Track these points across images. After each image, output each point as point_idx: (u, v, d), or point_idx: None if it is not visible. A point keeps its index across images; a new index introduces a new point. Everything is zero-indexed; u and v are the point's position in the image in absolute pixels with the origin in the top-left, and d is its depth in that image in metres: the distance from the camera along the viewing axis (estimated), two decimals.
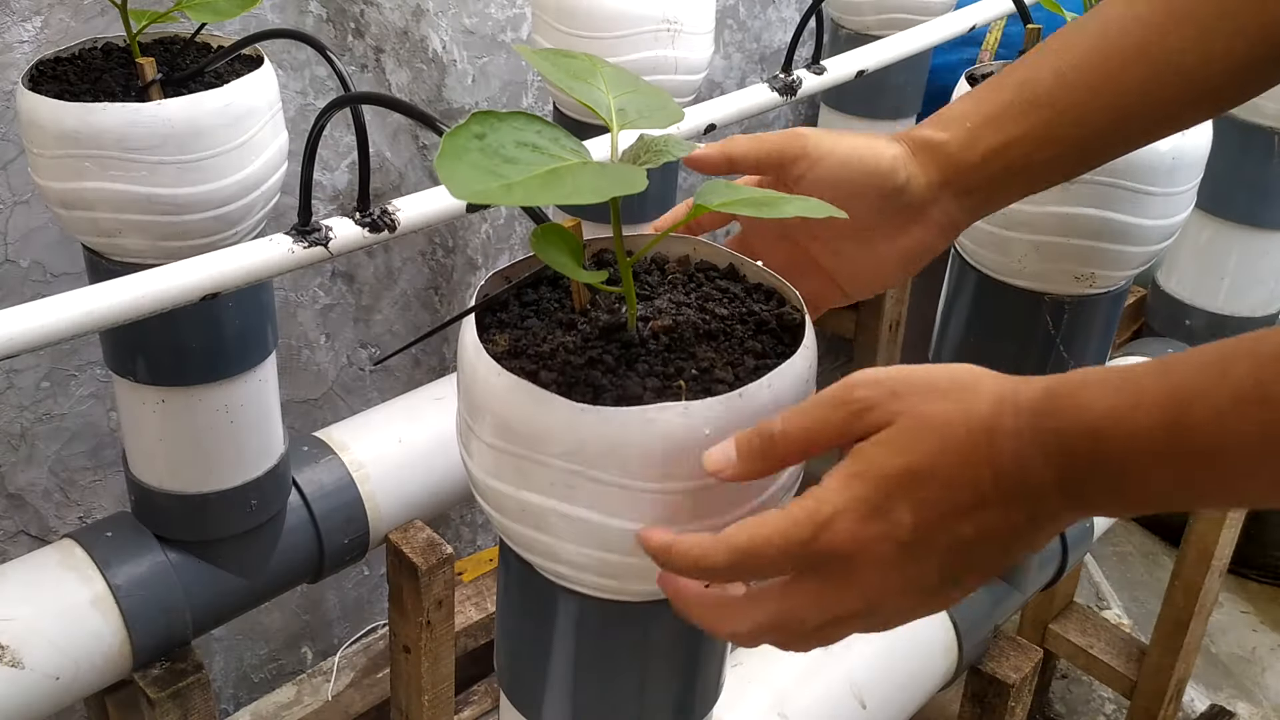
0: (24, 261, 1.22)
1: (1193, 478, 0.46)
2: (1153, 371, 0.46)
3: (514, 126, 0.50)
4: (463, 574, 1.71)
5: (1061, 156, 0.64)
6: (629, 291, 0.55)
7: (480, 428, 0.54)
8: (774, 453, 0.49)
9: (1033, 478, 0.47)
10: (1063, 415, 0.47)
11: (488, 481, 0.55)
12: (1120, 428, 0.46)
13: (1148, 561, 2.24)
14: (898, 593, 0.49)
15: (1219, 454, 0.44)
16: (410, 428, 1.22)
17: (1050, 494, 0.48)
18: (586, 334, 0.55)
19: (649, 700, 0.62)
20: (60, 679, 0.96)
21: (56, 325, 0.69)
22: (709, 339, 0.55)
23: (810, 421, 0.50)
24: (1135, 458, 0.46)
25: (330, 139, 1.44)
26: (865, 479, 0.48)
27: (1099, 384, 0.47)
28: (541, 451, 0.51)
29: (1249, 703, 1.97)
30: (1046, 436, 0.47)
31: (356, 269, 1.55)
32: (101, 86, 0.88)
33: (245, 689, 1.67)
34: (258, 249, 0.78)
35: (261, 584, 1.09)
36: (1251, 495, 0.46)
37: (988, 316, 1.00)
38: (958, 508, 0.48)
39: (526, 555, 0.58)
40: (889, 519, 0.47)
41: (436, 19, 1.49)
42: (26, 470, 1.31)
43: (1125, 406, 0.46)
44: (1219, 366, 0.45)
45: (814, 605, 0.49)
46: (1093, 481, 0.47)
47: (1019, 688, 1.08)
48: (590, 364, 0.53)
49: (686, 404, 0.50)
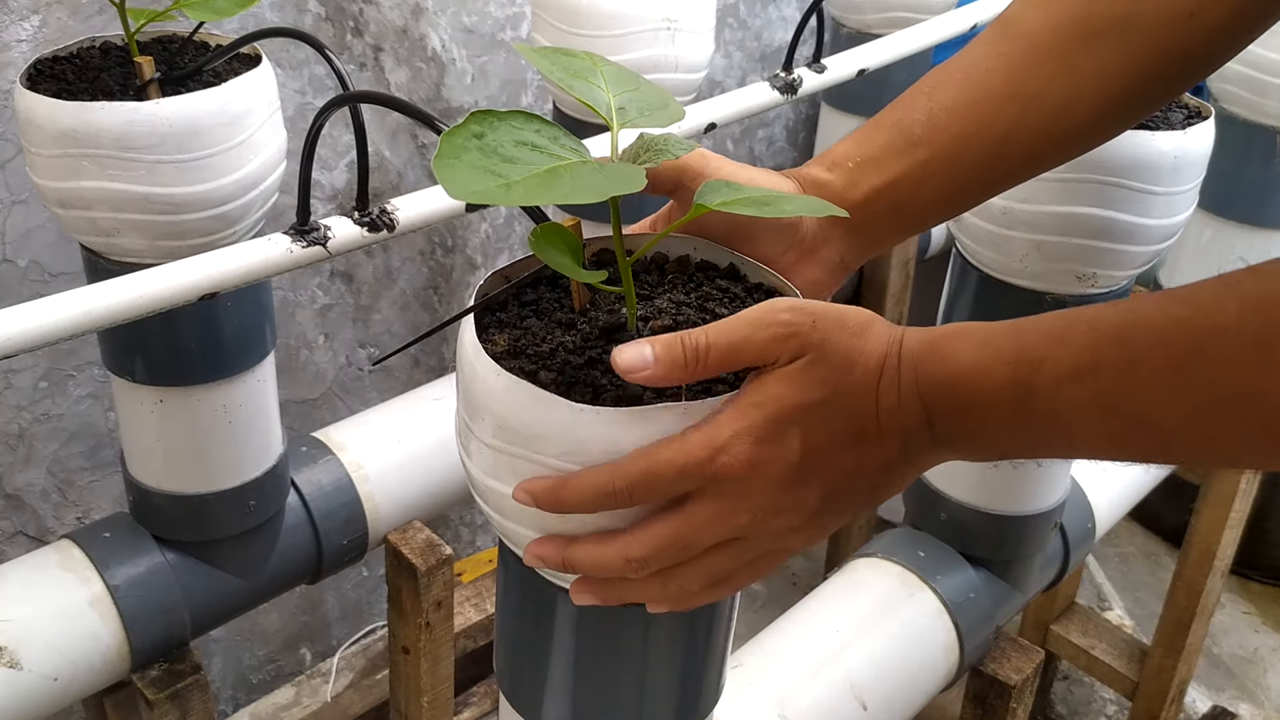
0: (22, 261, 1.22)
1: (1035, 433, 0.52)
2: (1009, 332, 0.53)
3: (513, 125, 0.50)
4: (462, 575, 1.71)
5: (941, 196, 0.66)
6: (629, 291, 0.54)
7: (479, 428, 0.53)
8: (696, 362, 0.50)
9: (909, 418, 0.53)
10: (933, 364, 0.53)
11: (486, 482, 0.55)
12: (976, 383, 0.52)
13: (1149, 562, 2.24)
14: (785, 511, 0.52)
15: (1057, 416, 0.51)
16: (409, 428, 1.21)
17: (920, 433, 0.54)
18: (586, 334, 0.55)
19: (649, 701, 0.62)
20: (58, 680, 0.96)
21: (54, 325, 0.69)
22: None
23: (736, 339, 0.51)
24: (987, 411, 0.52)
25: (329, 138, 1.44)
26: (763, 409, 0.50)
27: (965, 338, 0.53)
28: (541, 451, 0.51)
29: (1251, 704, 1.97)
30: (921, 381, 0.53)
31: (355, 269, 1.54)
32: (99, 85, 0.88)
33: (244, 690, 1.67)
34: (256, 248, 0.77)
35: (260, 585, 1.09)
36: (1087, 451, 0.53)
37: (989, 316, 1.00)
38: (844, 438, 0.52)
39: None
40: (781, 444, 0.51)
41: (436, 17, 1.49)
42: (24, 471, 1.31)
43: (983, 363, 0.52)
44: (1060, 335, 0.51)
45: (706, 524, 0.51)
46: (953, 427, 0.53)
47: (1020, 689, 1.08)
48: (590, 364, 0.53)
49: (686, 404, 0.50)
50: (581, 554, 0.53)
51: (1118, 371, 0.49)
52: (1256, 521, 1.73)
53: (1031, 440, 0.53)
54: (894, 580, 1.06)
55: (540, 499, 0.51)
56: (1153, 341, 0.48)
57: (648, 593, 0.54)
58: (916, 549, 1.09)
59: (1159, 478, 1.36)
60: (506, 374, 0.51)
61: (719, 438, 0.50)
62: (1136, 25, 0.63)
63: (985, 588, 1.09)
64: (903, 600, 1.05)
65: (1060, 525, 1.15)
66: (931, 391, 0.53)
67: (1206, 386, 0.47)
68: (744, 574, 0.55)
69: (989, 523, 1.08)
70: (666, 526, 0.52)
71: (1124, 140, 0.87)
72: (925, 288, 1.74)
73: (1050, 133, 0.65)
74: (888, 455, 0.54)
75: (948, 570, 1.08)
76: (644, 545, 0.52)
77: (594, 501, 0.51)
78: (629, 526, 0.52)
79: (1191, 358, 0.47)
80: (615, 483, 0.50)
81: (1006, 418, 0.52)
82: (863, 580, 1.07)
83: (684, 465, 0.50)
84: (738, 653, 0.99)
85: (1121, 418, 0.50)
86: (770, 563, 0.55)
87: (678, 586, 0.53)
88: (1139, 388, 0.49)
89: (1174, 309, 0.49)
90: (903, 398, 0.53)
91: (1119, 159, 0.89)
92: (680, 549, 0.52)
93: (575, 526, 0.53)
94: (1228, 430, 0.48)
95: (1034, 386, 0.51)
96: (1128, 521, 2.26)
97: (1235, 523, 1.50)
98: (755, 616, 2.04)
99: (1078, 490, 1.21)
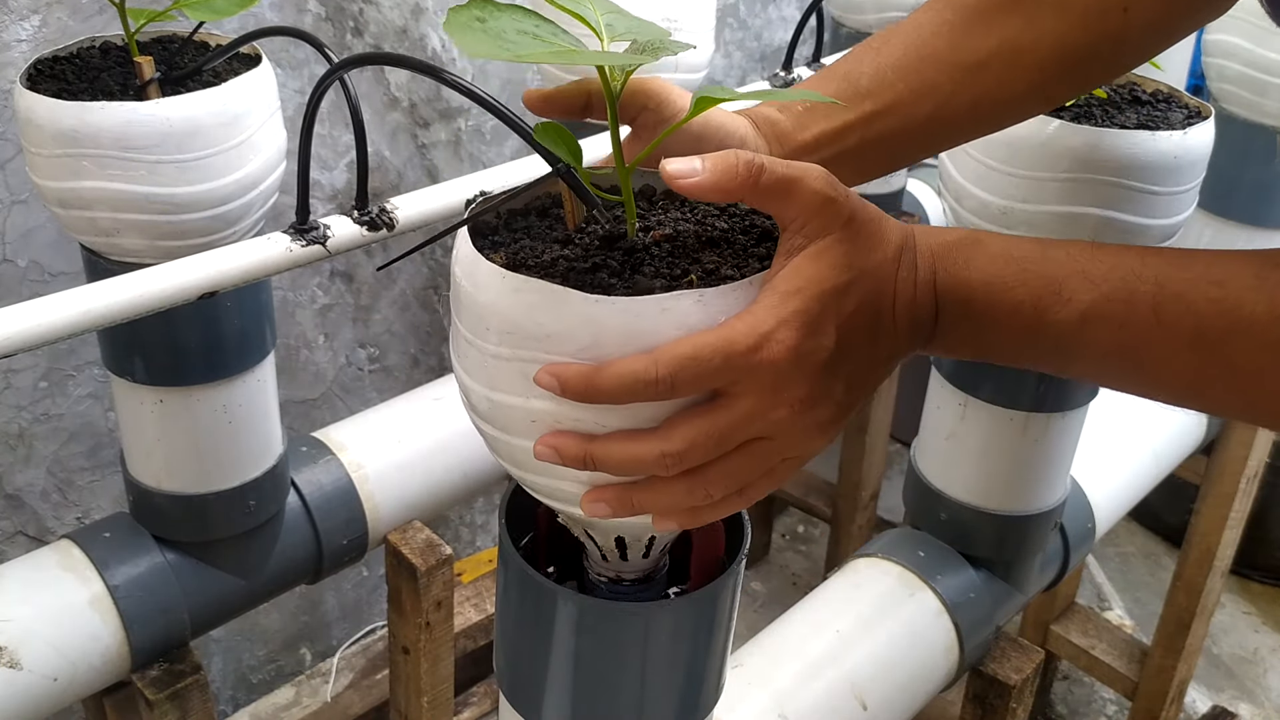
0: (22, 261, 1.22)
1: (1036, 352, 0.55)
2: (1036, 255, 0.54)
3: (513, 17, 0.50)
4: (462, 575, 1.71)
5: (884, 148, 0.68)
6: (628, 197, 0.53)
7: (484, 340, 0.51)
8: (749, 176, 0.49)
9: (920, 312, 0.54)
10: (954, 266, 0.54)
11: (493, 397, 0.52)
12: (996, 296, 0.54)
13: (1149, 562, 2.24)
14: (818, 404, 0.51)
15: (1065, 347, 0.54)
16: (409, 428, 1.21)
17: (926, 328, 0.55)
18: (586, 245, 0.54)
19: (649, 701, 0.62)
20: (58, 680, 0.96)
21: (54, 324, 0.69)
22: (711, 246, 0.54)
23: (793, 173, 0.50)
24: (999, 324, 0.54)
25: (329, 138, 1.44)
26: (803, 294, 0.50)
27: (990, 249, 0.55)
28: (555, 351, 0.49)
29: (1251, 704, 1.96)
30: (939, 279, 0.54)
31: (355, 268, 1.54)
32: (99, 85, 0.88)
33: (244, 690, 1.66)
34: (255, 247, 0.77)
35: (260, 585, 1.09)
36: (1075, 375, 0.56)
37: None
38: (866, 327, 0.52)
39: (533, 483, 0.56)
40: (821, 333, 0.50)
41: (435, 17, 1.49)
42: (24, 471, 1.31)
43: (1007, 279, 0.54)
44: (1091, 273, 0.53)
45: (745, 418, 0.50)
46: (958, 329, 0.55)
47: (1020, 689, 1.08)
48: (594, 269, 0.51)
49: (702, 291, 0.49)
50: (609, 447, 0.50)
51: (1143, 328, 0.52)
52: (1256, 521, 1.73)
53: (1029, 356, 0.56)
54: (894, 580, 1.06)
55: (570, 385, 0.48)
56: (1182, 314, 0.51)
57: (668, 498, 0.52)
58: (916, 549, 1.09)
59: (1159, 477, 1.36)
60: (513, 274, 0.49)
61: (764, 324, 0.49)
62: (1070, 9, 0.66)
63: (985, 588, 1.09)
64: (903, 600, 1.05)
65: (1060, 525, 1.15)
66: (949, 292, 0.54)
67: (1220, 366, 0.51)
68: (763, 483, 0.53)
69: (989, 523, 1.08)
70: (704, 420, 0.50)
71: (1124, 140, 0.87)
72: None
73: (990, 98, 0.68)
74: (896, 346, 0.54)
75: (948, 570, 1.08)
76: (682, 439, 0.49)
77: (630, 390, 0.48)
78: (661, 423, 0.50)
79: (1215, 340, 0.51)
80: (657, 369, 0.48)
81: (1014, 334, 0.54)
82: (863, 580, 1.07)
83: (729, 353, 0.48)
84: (738, 653, 0.99)
85: (1128, 366, 0.53)
86: (788, 470, 0.54)
87: (704, 491, 0.51)
88: (1156, 349, 0.52)
89: (1209, 290, 0.51)
90: (919, 291, 0.54)
91: (1119, 159, 0.88)
92: (716, 444, 0.50)
93: (593, 429, 0.50)
94: (1224, 401, 0.53)
95: (1053, 315, 0.53)
96: (1128, 521, 2.26)
97: (1235, 523, 1.50)
98: (755, 616, 2.04)
99: (1078, 490, 1.21)
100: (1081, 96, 0.93)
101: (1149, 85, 0.98)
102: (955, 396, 1.05)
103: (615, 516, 0.52)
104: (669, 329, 0.48)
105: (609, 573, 0.62)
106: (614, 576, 0.62)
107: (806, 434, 0.52)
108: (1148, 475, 1.34)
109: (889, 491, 1.97)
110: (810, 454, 0.54)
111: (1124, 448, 1.32)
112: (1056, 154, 0.88)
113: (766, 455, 0.52)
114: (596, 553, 0.61)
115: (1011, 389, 1.01)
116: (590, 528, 0.59)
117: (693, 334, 0.48)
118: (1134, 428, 1.35)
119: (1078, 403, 1.03)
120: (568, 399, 0.49)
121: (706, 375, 0.48)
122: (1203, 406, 0.57)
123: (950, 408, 1.06)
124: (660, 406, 0.50)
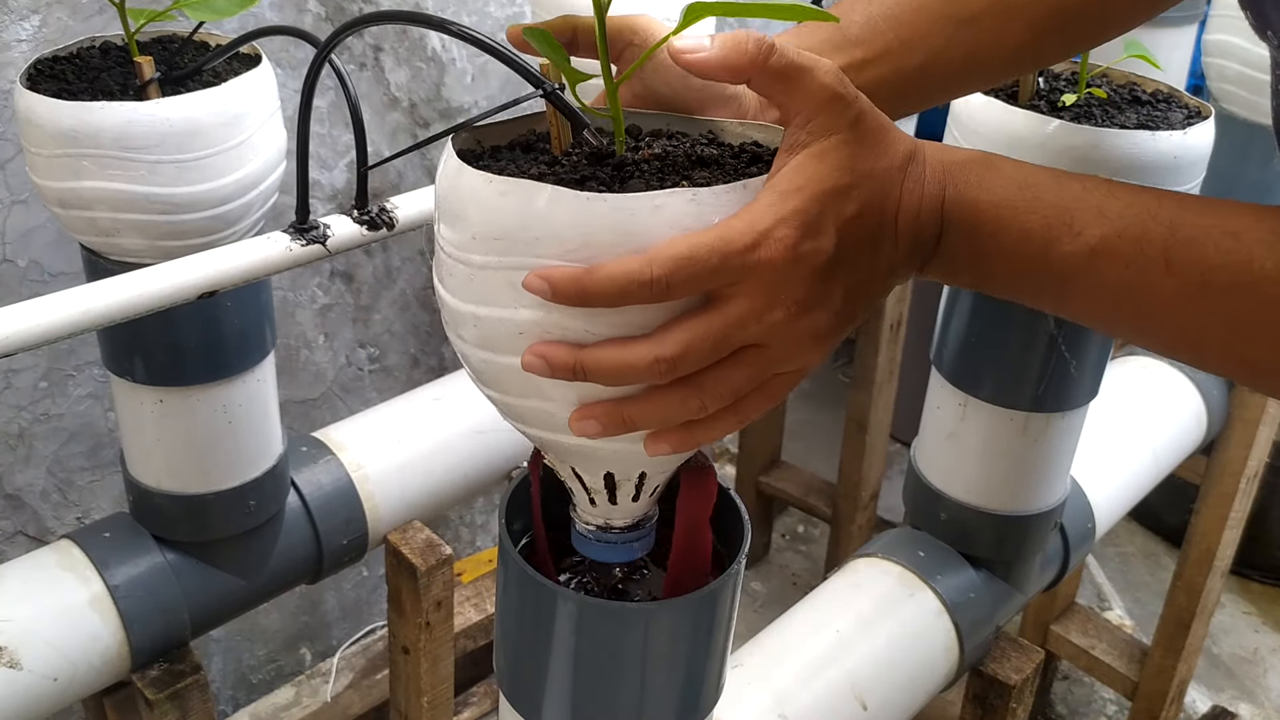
0: (22, 261, 1.22)
1: (1036, 283, 0.53)
2: (1051, 184, 0.53)
3: None
4: (462, 575, 1.71)
5: (875, 97, 0.68)
6: (615, 112, 0.52)
7: (470, 251, 0.50)
8: (759, 55, 0.48)
9: (924, 228, 0.52)
10: (965, 185, 0.53)
11: (479, 313, 0.50)
12: (1006, 220, 0.52)
13: (1149, 562, 2.24)
14: (815, 308, 0.50)
15: (1068, 280, 0.52)
16: (409, 428, 1.21)
17: (928, 245, 0.53)
18: (574, 163, 0.52)
19: (649, 701, 0.62)
20: (58, 680, 0.96)
21: (54, 324, 0.69)
22: (702, 165, 0.53)
23: (804, 61, 0.49)
24: (1004, 250, 0.53)
25: (329, 138, 1.44)
26: (804, 193, 0.48)
27: (1005, 172, 0.53)
28: (543, 254, 0.48)
29: (1251, 704, 1.96)
30: (948, 195, 0.52)
31: (355, 268, 1.54)
32: (99, 85, 0.88)
33: (244, 690, 1.66)
34: (255, 246, 0.77)
35: (260, 585, 1.09)
36: (1069, 314, 0.55)
37: (989, 316, 1.00)
38: (867, 235, 0.51)
39: (521, 411, 0.54)
40: (821, 235, 0.49)
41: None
42: (24, 470, 1.31)
43: (1020, 205, 0.52)
44: (1106, 210, 0.51)
45: (741, 320, 0.48)
46: (961, 250, 0.53)
47: (1020, 689, 1.08)
48: (583, 180, 0.50)
49: (696, 190, 0.48)
50: (600, 354, 0.48)
51: (1151, 270, 0.50)
52: (1256, 521, 1.73)
53: (1028, 287, 0.54)
54: (894, 580, 1.06)
55: (560, 287, 0.46)
56: (1192, 260, 0.50)
57: (661, 410, 0.50)
58: (916, 549, 1.09)
59: (1159, 477, 1.36)
60: (501, 178, 0.48)
61: (762, 223, 0.47)
62: None
63: (985, 588, 1.09)
64: (903, 600, 1.05)
65: (1060, 525, 1.15)
66: (956, 210, 0.53)
67: (1220, 318, 0.50)
68: (758, 399, 0.52)
69: (989, 523, 1.08)
70: (699, 322, 0.48)
71: (1124, 140, 0.87)
72: (925, 288, 1.74)
73: (982, 53, 0.67)
74: (895, 259, 0.52)
75: (948, 570, 1.08)
76: (676, 342, 0.48)
77: (623, 292, 0.46)
78: (654, 330, 0.48)
79: (1220, 291, 0.50)
80: (652, 270, 0.46)
81: (1019, 262, 0.53)
82: (863, 580, 1.07)
83: (726, 252, 0.47)
84: (738, 653, 0.99)
85: (1127, 308, 0.52)
86: (783, 387, 0.52)
87: (698, 401, 0.50)
88: (1160, 293, 0.51)
89: (1223, 240, 0.50)
90: (924, 205, 0.52)
91: (1119, 159, 0.88)
92: (711, 348, 0.48)
93: (582, 338, 0.49)
94: (1218, 355, 0.52)
95: (1062, 247, 0.52)
96: (1128, 521, 2.26)
97: (1235, 523, 1.50)
98: (755, 616, 2.04)
99: (1078, 490, 1.21)
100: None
101: (1149, 85, 0.98)
102: (955, 396, 1.05)
103: (605, 435, 0.50)
104: (662, 228, 0.47)
105: (597, 520, 0.60)
106: (603, 524, 0.60)
107: (802, 342, 0.50)
108: (1148, 475, 1.34)
109: (889, 491, 1.97)
110: (805, 367, 0.52)
111: (1124, 448, 1.32)
112: (1056, 153, 0.88)
113: (762, 364, 0.50)
114: (585, 497, 0.59)
115: (1011, 389, 1.01)
116: (578, 465, 0.57)
117: (690, 234, 0.47)
118: (1134, 428, 1.35)
119: (1078, 403, 1.03)
120: (558, 304, 0.47)
121: (703, 275, 0.47)
122: (1195, 358, 0.55)
123: (950, 408, 1.06)
124: (652, 313, 0.48)
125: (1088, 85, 0.93)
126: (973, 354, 1.02)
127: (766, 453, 2.09)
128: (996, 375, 1.02)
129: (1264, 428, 1.43)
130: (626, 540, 0.61)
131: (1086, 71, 0.93)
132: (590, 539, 0.61)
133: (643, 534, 0.62)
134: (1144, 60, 0.92)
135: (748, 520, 0.63)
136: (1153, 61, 0.92)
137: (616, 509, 0.59)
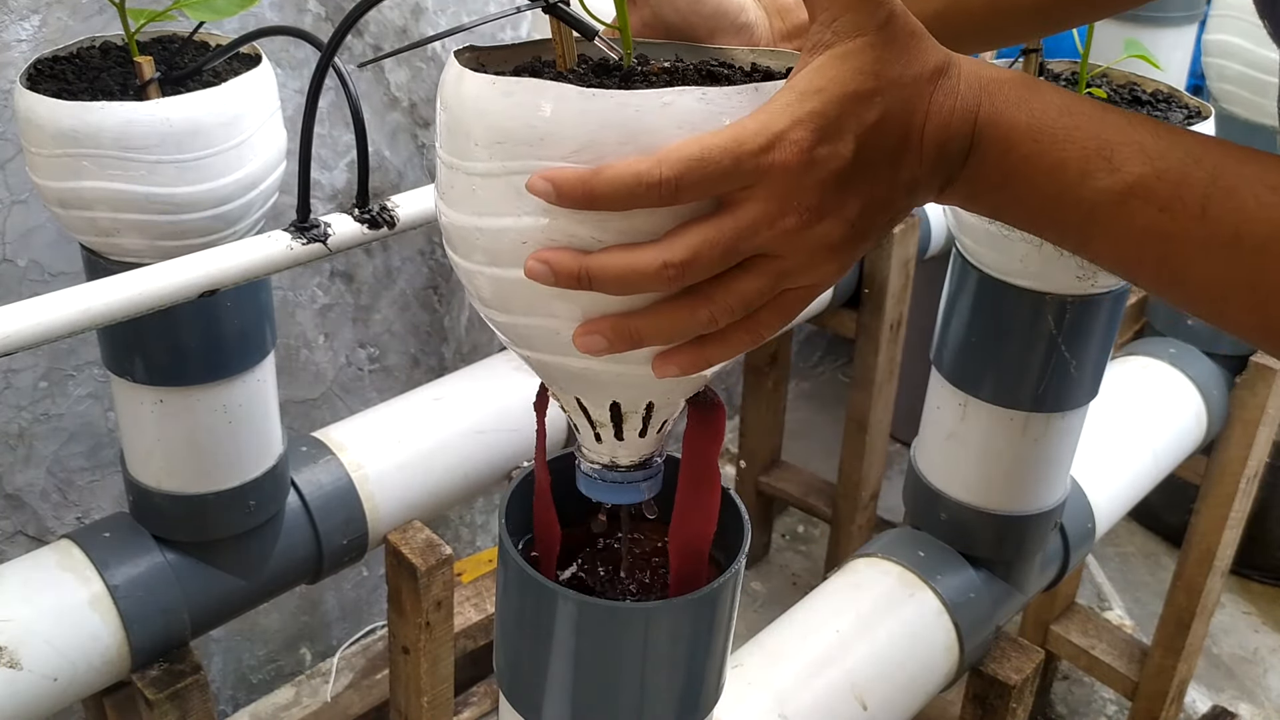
0: (22, 261, 1.22)
1: (1061, 216, 0.50)
2: (1094, 115, 0.49)
3: None
4: (462, 575, 1.71)
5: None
6: (624, 24, 0.51)
7: (472, 158, 0.48)
8: None
9: (951, 144, 0.49)
10: (1004, 103, 0.49)
11: (480, 225, 0.49)
12: (1044, 146, 0.49)
13: (1149, 562, 2.24)
14: (829, 217, 0.47)
15: (1096, 218, 0.49)
16: (409, 428, 1.21)
17: (954, 163, 0.50)
18: (580, 75, 0.51)
19: (649, 702, 0.62)
20: (58, 680, 0.96)
21: (54, 323, 0.69)
22: (712, 79, 0.51)
23: None
24: (1036, 176, 0.49)
25: (329, 138, 1.44)
26: (822, 95, 0.46)
27: (1048, 96, 0.49)
28: (548, 156, 0.46)
29: (1251, 704, 1.96)
30: (984, 111, 0.49)
31: (355, 268, 1.54)
32: (99, 85, 0.88)
33: (244, 690, 1.66)
34: (256, 245, 0.77)
35: (260, 585, 1.09)
36: (1089, 255, 0.51)
37: (990, 316, 1.00)
38: (888, 148, 0.48)
39: (524, 331, 0.52)
40: (839, 140, 0.46)
41: (435, 17, 1.49)
42: (24, 470, 1.31)
43: (1060, 132, 0.48)
44: (1147, 149, 0.48)
45: (752, 225, 0.46)
46: (988, 172, 0.50)
47: (1020, 689, 1.08)
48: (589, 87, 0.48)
49: (705, 89, 0.46)
50: (606, 260, 0.46)
51: (1185, 217, 0.47)
52: (1256, 521, 1.73)
53: (1052, 223, 0.51)
54: (894, 580, 1.06)
55: (566, 189, 0.45)
56: (1229, 210, 0.47)
57: (669, 322, 0.48)
58: (916, 549, 1.09)
59: (1159, 477, 1.36)
60: (504, 79, 0.46)
61: (777, 124, 0.45)
62: None
63: (985, 588, 1.09)
64: (903, 600, 1.05)
65: (1060, 525, 1.15)
66: (990, 128, 0.49)
67: (1248, 274, 0.47)
68: (770, 315, 0.50)
69: (989, 523, 1.08)
70: (709, 227, 0.46)
71: None
72: (925, 288, 1.74)
73: (1002, 5, 0.65)
74: (918, 175, 0.49)
75: (948, 570, 1.08)
76: (685, 247, 0.46)
77: (631, 193, 0.44)
78: (662, 235, 0.46)
79: (1254, 245, 0.47)
80: (661, 170, 0.44)
81: (1048, 194, 0.49)
82: (863, 580, 1.07)
83: (739, 154, 0.45)
84: (738, 653, 0.99)
85: (1153, 254, 0.49)
86: (795, 304, 0.50)
87: (707, 312, 0.48)
88: (1191, 241, 0.48)
89: (1263, 193, 0.47)
90: (955, 119, 0.49)
91: None
92: (721, 255, 0.46)
93: (588, 245, 0.47)
94: (1239, 314, 0.49)
95: (1096, 182, 0.48)
96: (1128, 521, 2.26)
97: (1235, 523, 1.50)
98: (755, 616, 2.04)
99: (1078, 490, 1.21)
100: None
101: (1149, 85, 0.98)
102: (955, 396, 1.05)
103: (612, 351, 0.48)
104: (670, 128, 0.46)
105: (602, 458, 0.59)
106: (608, 462, 0.59)
107: (815, 253, 0.48)
108: (1148, 475, 1.34)
109: (889, 491, 1.97)
110: (818, 283, 0.50)
111: (1124, 448, 1.32)
112: None
113: (773, 275, 0.48)
114: (590, 432, 0.57)
115: (1011, 389, 1.01)
116: (584, 396, 0.56)
117: (699, 135, 0.45)
118: (1134, 428, 1.35)
119: (1078, 403, 1.03)
120: (563, 207, 0.46)
121: (714, 178, 0.45)
122: (1214, 313, 0.51)
123: (950, 408, 1.06)
124: (660, 219, 0.47)
125: (1088, 85, 0.93)
126: (973, 354, 1.02)
127: (766, 453, 2.09)
128: (996, 375, 1.02)
129: (1264, 428, 1.43)
130: (633, 480, 0.59)
131: (1087, 71, 0.92)
132: (595, 478, 0.59)
133: (650, 473, 0.60)
134: (1144, 60, 0.92)
135: (748, 520, 0.63)
136: (1153, 61, 0.92)
137: (623, 445, 0.58)
